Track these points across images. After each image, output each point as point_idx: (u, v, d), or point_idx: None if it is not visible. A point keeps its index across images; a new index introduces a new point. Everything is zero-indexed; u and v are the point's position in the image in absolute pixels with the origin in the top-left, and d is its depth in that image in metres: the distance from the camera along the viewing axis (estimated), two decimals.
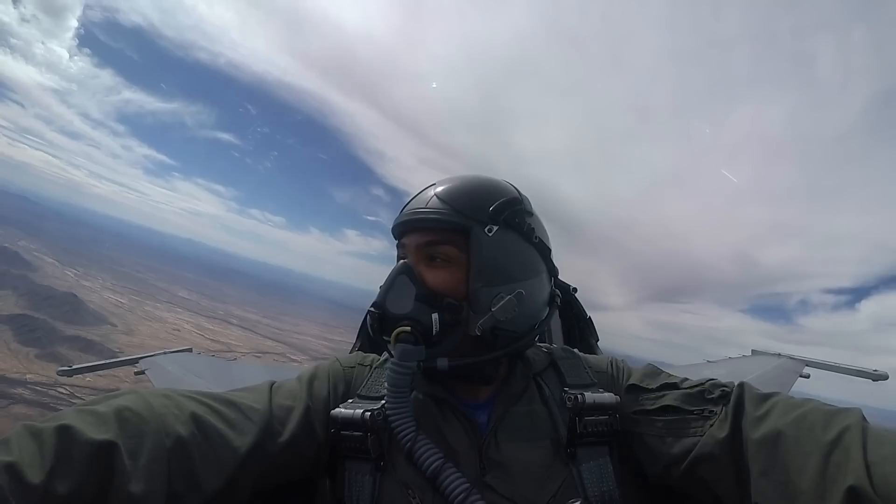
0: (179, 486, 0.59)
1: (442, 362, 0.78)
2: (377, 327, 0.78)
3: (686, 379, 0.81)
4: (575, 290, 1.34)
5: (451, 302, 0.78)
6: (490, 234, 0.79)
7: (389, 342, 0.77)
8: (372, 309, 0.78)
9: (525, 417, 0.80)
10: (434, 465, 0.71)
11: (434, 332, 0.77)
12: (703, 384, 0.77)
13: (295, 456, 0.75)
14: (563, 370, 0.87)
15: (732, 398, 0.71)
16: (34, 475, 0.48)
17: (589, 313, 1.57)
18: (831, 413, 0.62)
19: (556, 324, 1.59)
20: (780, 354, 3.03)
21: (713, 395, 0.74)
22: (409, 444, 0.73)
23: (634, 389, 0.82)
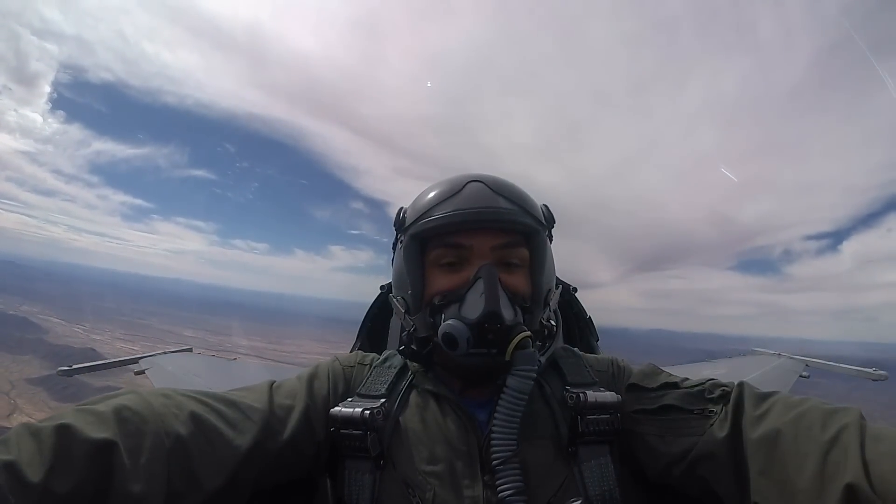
0: (179, 485, 0.59)
1: (543, 360, 0.80)
2: (493, 337, 0.73)
3: (686, 378, 0.80)
4: (575, 289, 1.44)
5: (526, 304, 0.80)
6: (547, 238, 0.84)
7: (484, 351, 0.74)
8: (483, 321, 0.73)
9: (526, 416, 0.76)
10: (509, 492, 0.69)
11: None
12: (703, 384, 0.76)
13: (295, 455, 0.75)
14: (563, 369, 0.87)
15: (732, 398, 0.71)
16: (33, 474, 0.47)
17: (577, 286, 1.55)
18: (830, 412, 0.61)
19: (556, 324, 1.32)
20: (779, 354, 3.13)
21: (713, 395, 0.74)
22: (499, 461, 0.71)
23: (635, 389, 0.82)
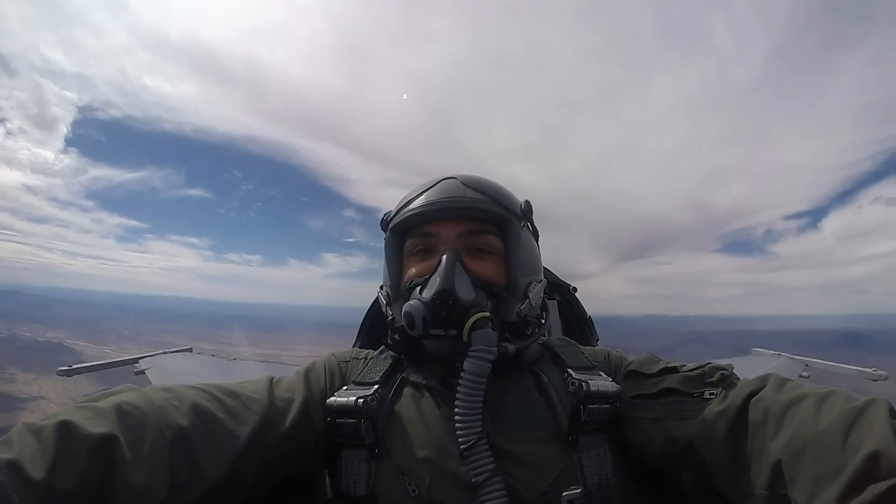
0: (182, 476, 0.59)
1: (511, 347, 0.78)
2: (447, 315, 0.73)
3: (685, 364, 0.80)
4: (574, 289, 1.45)
5: (496, 291, 0.80)
6: (523, 230, 0.84)
7: (442, 332, 0.74)
8: (436, 298, 0.73)
9: (518, 408, 0.78)
10: (483, 476, 0.69)
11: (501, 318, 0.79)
12: (702, 367, 0.76)
13: (295, 447, 0.75)
14: (562, 355, 0.87)
15: (731, 380, 0.72)
16: (36, 471, 0.47)
17: (568, 277, 1.53)
18: (827, 393, 0.60)
19: (556, 324, 1.62)
20: (780, 354, 3.14)
21: (713, 378, 0.73)
22: (466, 446, 0.71)
23: (634, 375, 0.82)
